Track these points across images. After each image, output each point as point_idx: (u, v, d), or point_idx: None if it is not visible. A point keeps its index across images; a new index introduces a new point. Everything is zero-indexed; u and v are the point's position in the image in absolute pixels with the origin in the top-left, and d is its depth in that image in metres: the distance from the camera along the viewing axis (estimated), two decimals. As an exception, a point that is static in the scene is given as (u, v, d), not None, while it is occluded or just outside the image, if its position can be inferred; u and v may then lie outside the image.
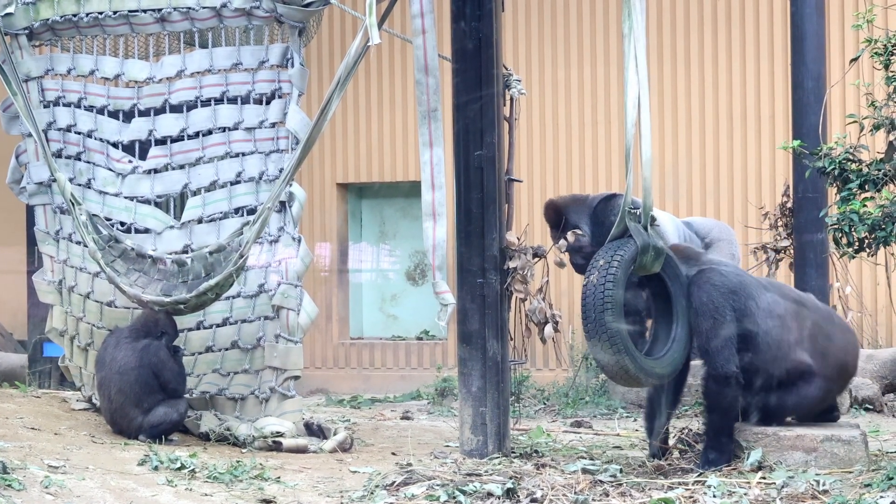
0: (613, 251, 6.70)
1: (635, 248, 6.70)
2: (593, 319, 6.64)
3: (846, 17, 11.23)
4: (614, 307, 6.60)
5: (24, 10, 8.05)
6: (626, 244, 6.71)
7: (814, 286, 10.21)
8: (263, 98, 7.77)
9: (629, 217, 6.74)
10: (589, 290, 6.67)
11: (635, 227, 6.73)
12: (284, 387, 7.61)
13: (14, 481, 5.67)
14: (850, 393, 8.87)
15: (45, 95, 8.16)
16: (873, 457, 6.70)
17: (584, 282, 6.73)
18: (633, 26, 6.71)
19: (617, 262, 6.64)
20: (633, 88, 6.71)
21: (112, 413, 7.51)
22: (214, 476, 6.34)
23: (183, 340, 7.80)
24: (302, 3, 7.54)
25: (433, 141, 7.15)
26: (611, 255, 6.67)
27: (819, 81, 10.15)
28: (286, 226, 7.62)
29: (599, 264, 6.69)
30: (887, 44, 6.65)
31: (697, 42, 11.80)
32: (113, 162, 8.02)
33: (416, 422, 9.16)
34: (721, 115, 11.73)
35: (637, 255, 6.70)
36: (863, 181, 6.57)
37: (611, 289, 6.61)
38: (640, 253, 6.71)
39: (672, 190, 11.74)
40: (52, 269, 8.25)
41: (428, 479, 6.12)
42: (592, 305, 6.64)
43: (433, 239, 7.12)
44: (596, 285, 6.65)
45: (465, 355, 7.15)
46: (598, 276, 6.65)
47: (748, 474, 6.27)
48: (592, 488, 6.07)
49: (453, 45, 7.26)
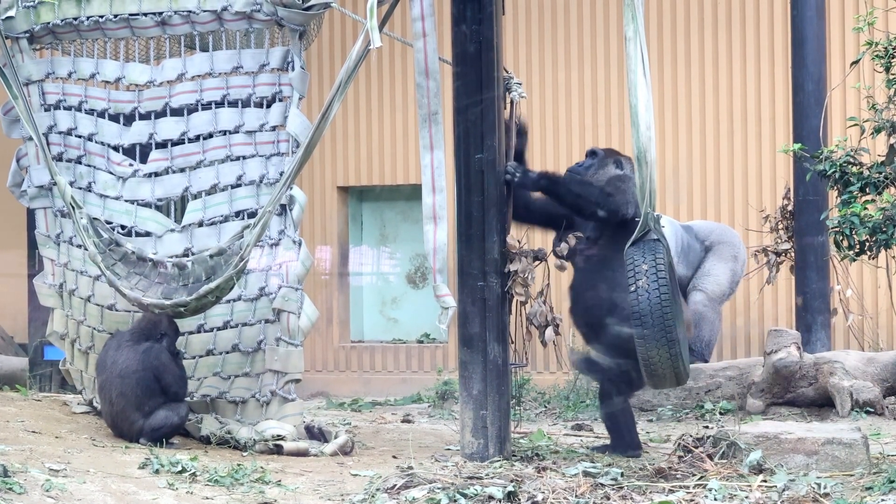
0: (653, 255, 6.69)
1: (665, 247, 6.70)
2: (652, 324, 6.62)
3: (847, 19, 11.23)
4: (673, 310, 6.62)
5: (25, 13, 8.05)
6: (657, 247, 6.69)
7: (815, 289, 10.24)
8: (264, 101, 7.76)
9: (651, 219, 6.72)
10: (642, 295, 6.64)
11: (657, 229, 6.73)
12: (285, 390, 7.61)
13: (15, 485, 5.67)
14: (851, 395, 8.87)
15: (45, 99, 8.16)
16: (874, 460, 6.70)
17: (632, 287, 6.69)
18: (637, 29, 6.70)
19: (662, 265, 6.64)
20: (643, 91, 6.69)
21: (113, 416, 7.51)
22: (215, 479, 6.34)
23: (183, 344, 7.80)
24: (302, 6, 7.53)
25: (434, 144, 7.15)
26: (651, 259, 6.66)
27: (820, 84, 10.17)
28: (287, 229, 7.62)
29: (644, 269, 6.66)
30: (888, 46, 6.66)
31: (698, 45, 11.80)
32: (113, 165, 8.02)
33: (417, 425, 9.16)
34: (721, 118, 11.74)
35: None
36: (864, 184, 6.57)
37: (666, 292, 6.61)
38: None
39: (672, 193, 11.74)
40: (53, 273, 8.25)
41: (429, 482, 6.12)
42: (649, 311, 6.62)
43: (434, 242, 7.12)
44: (650, 290, 6.63)
45: (466, 358, 7.15)
46: (648, 281, 6.65)
47: (749, 477, 6.26)
48: (593, 491, 6.07)
49: (454, 48, 7.26)
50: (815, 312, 10.23)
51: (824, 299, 10.29)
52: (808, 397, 9.16)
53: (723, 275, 10.08)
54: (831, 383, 8.98)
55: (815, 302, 10.24)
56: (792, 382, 9.14)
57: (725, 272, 10.09)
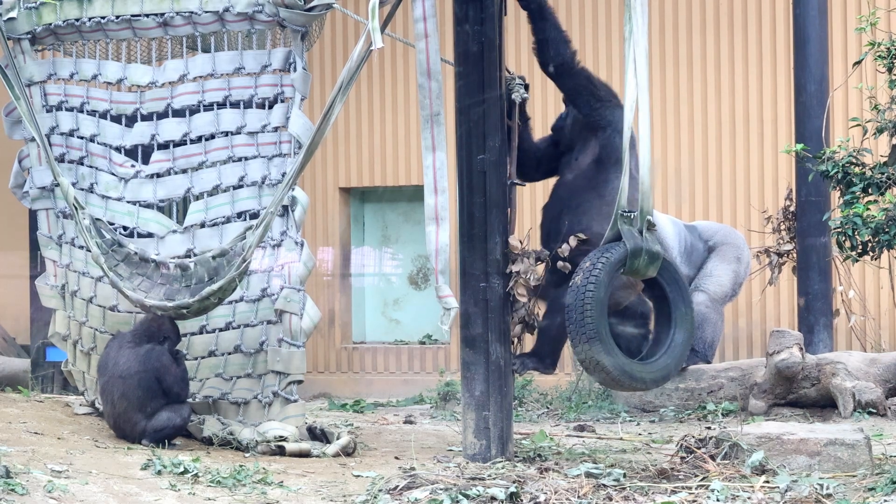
0: (600, 254, 6.77)
1: (624, 251, 6.75)
2: (574, 320, 6.75)
3: (849, 20, 11.23)
4: (594, 308, 6.65)
5: (27, 14, 8.06)
6: (615, 247, 6.78)
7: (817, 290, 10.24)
8: (266, 102, 7.76)
9: (622, 220, 6.79)
10: (572, 291, 6.78)
11: (628, 230, 6.78)
12: (287, 391, 7.61)
13: (17, 486, 5.67)
14: (853, 396, 8.87)
15: (47, 100, 8.16)
16: (877, 460, 6.69)
17: (571, 283, 6.81)
18: (633, 29, 6.72)
19: (601, 265, 6.71)
20: (631, 92, 6.75)
21: (115, 418, 7.51)
22: (217, 480, 6.34)
23: (186, 345, 7.80)
24: (304, 7, 7.53)
25: (436, 145, 7.15)
26: (596, 258, 6.75)
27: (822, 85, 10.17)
28: (289, 230, 7.62)
29: (585, 266, 6.78)
30: (891, 47, 6.65)
31: (700, 45, 11.80)
32: (115, 166, 8.02)
33: (419, 426, 9.16)
34: (724, 119, 11.73)
35: (626, 259, 6.75)
36: (866, 185, 6.57)
37: (592, 290, 6.67)
38: (631, 256, 6.76)
39: (675, 194, 11.73)
40: (55, 274, 8.25)
41: (431, 483, 6.11)
42: (574, 306, 6.75)
43: (436, 243, 7.12)
44: (579, 287, 6.73)
45: (469, 359, 7.15)
46: (582, 278, 6.73)
47: (751, 478, 6.26)
48: (595, 492, 6.07)
49: (456, 48, 7.26)
50: (817, 313, 10.23)
51: (827, 300, 10.28)
52: (810, 398, 9.16)
53: (725, 276, 10.07)
54: (834, 384, 8.98)
55: (817, 303, 10.23)
56: (794, 383, 9.13)
57: (728, 273, 10.08)
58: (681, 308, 7.00)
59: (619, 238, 6.81)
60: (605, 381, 6.97)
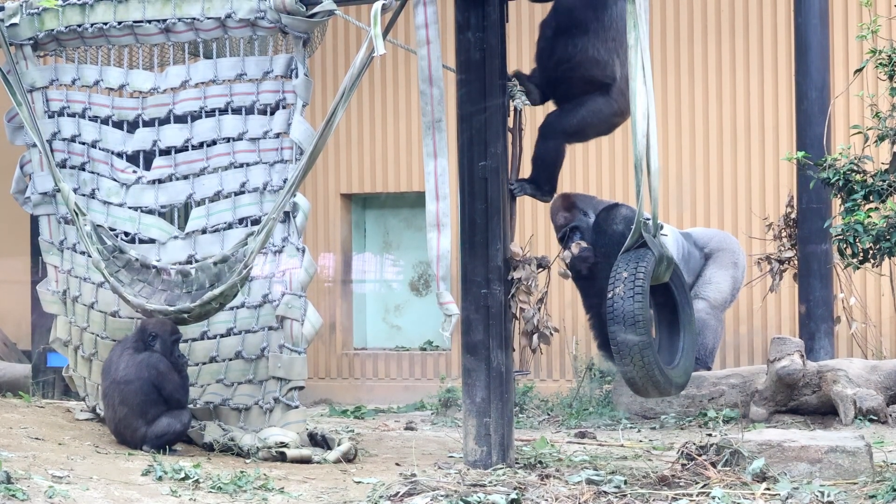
0: (636, 263, 6.65)
1: (653, 258, 6.68)
2: (623, 333, 6.60)
3: (850, 27, 11.23)
4: (644, 320, 6.56)
5: (30, 20, 8.06)
6: (645, 255, 6.69)
7: (818, 297, 10.24)
8: (268, 109, 7.77)
9: (644, 228, 6.73)
10: (617, 303, 6.63)
11: (650, 237, 6.73)
12: (288, 397, 7.61)
13: (18, 491, 5.67)
14: (854, 403, 8.86)
15: (49, 106, 8.17)
16: (878, 468, 6.69)
17: (610, 294, 6.69)
18: (638, 37, 6.72)
19: (642, 274, 6.61)
20: (641, 99, 6.72)
21: (116, 423, 7.51)
22: (218, 486, 6.34)
23: (187, 351, 7.80)
24: (306, 13, 7.54)
25: (437, 152, 7.15)
26: (634, 267, 6.63)
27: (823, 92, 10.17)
28: (290, 236, 7.62)
29: (624, 276, 6.64)
30: (892, 54, 6.65)
31: (701, 52, 11.80)
32: (117, 172, 8.03)
33: (420, 432, 9.15)
34: (725, 126, 11.73)
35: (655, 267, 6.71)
36: (867, 192, 6.57)
37: (640, 301, 6.58)
38: (657, 263, 6.72)
39: (676, 201, 11.74)
40: (57, 280, 8.26)
41: (432, 489, 6.12)
42: (622, 318, 6.59)
43: (437, 249, 7.12)
44: (624, 298, 6.60)
45: (470, 366, 7.15)
46: (625, 289, 6.61)
47: (752, 485, 6.26)
48: (596, 499, 6.07)
49: (458, 55, 7.26)
50: (818, 320, 10.23)
51: (828, 307, 10.28)
52: (811, 405, 9.15)
53: (724, 282, 10.08)
54: (835, 391, 8.98)
55: (818, 310, 10.23)
56: (795, 390, 9.13)
57: (726, 279, 10.09)
58: (686, 312, 6.99)
59: (639, 245, 6.73)
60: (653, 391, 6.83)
